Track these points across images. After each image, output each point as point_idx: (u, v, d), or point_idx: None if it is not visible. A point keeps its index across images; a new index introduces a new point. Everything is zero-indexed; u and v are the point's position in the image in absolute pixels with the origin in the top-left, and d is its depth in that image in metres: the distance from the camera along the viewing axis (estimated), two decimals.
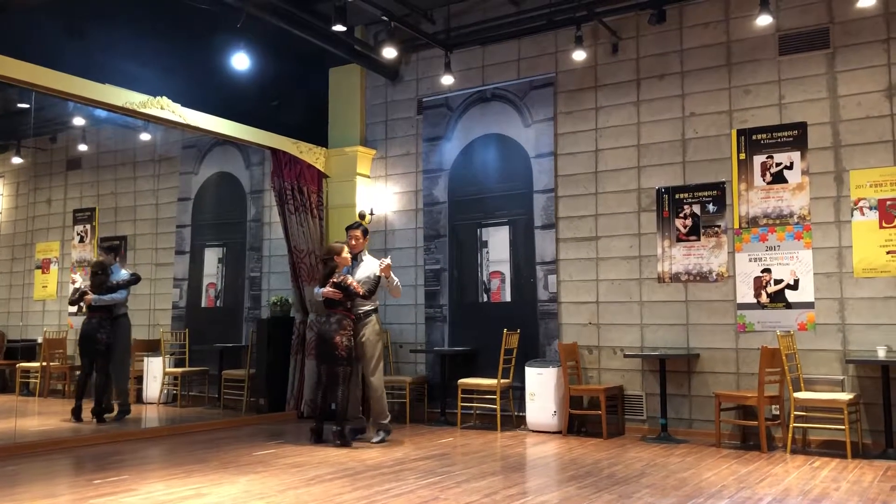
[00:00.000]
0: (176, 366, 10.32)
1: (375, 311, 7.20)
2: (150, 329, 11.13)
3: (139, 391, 10.49)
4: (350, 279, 6.93)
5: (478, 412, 8.31)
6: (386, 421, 7.20)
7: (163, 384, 10.17)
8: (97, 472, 5.76)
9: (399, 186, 9.38)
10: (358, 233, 7.34)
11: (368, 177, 9.54)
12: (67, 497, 4.93)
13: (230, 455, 6.50)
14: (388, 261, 7.02)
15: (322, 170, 9.42)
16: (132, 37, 7.56)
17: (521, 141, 8.60)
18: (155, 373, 10.25)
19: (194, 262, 11.04)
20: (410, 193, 9.30)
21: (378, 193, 9.47)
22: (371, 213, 9.42)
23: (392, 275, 7.06)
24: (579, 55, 7.87)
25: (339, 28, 7.48)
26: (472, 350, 8.59)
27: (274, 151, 9.11)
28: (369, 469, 5.85)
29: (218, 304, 10.81)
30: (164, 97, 7.73)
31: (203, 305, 10.90)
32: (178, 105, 7.86)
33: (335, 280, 6.92)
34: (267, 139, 8.92)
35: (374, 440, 7.08)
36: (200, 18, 8.18)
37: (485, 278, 8.74)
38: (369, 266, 7.20)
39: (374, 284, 7.03)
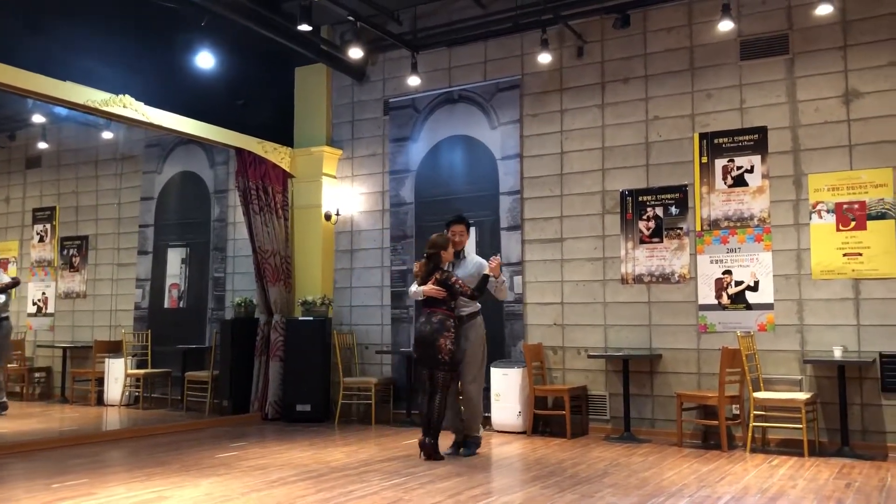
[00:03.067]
0: (138, 367, 10.19)
1: (479, 312, 6.59)
2: (111, 330, 10.98)
3: (100, 393, 10.35)
4: (455, 277, 6.36)
5: None
6: (479, 434, 6.56)
7: (124, 386, 10.04)
8: (55, 475, 5.66)
9: (365, 187, 9.36)
10: (462, 227, 6.70)
11: (334, 177, 9.51)
12: (24, 502, 4.84)
13: (193, 457, 6.43)
14: (498, 258, 6.45)
15: (287, 170, 9.37)
16: (94, 33, 7.45)
17: (487, 143, 8.63)
18: (116, 374, 10.12)
19: (157, 262, 10.91)
20: (377, 194, 9.28)
21: (344, 194, 9.44)
22: (337, 214, 9.39)
23: (501, 274, 6.51)
24: (545, 58, 7.93)
25: (304, 28, 7.45)
26: None
27: (239, 151, 9.04)
28: (333, 471, 5.83)
29: (181, 305, 10.69)
30: (127, 95, 7.63)
31: (166, 306, 10.77)
32: (142, 104, 7.77)
33: (439, 277, 6.31)
34: (231, 138, 8.85)
35: (464, 453, 6.44)
36: (165, 16, 8.09)
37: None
38: (473, 264, 6.64)
39: (484, 284, 6.36)
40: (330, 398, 8.86)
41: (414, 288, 6.50)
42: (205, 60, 8.01)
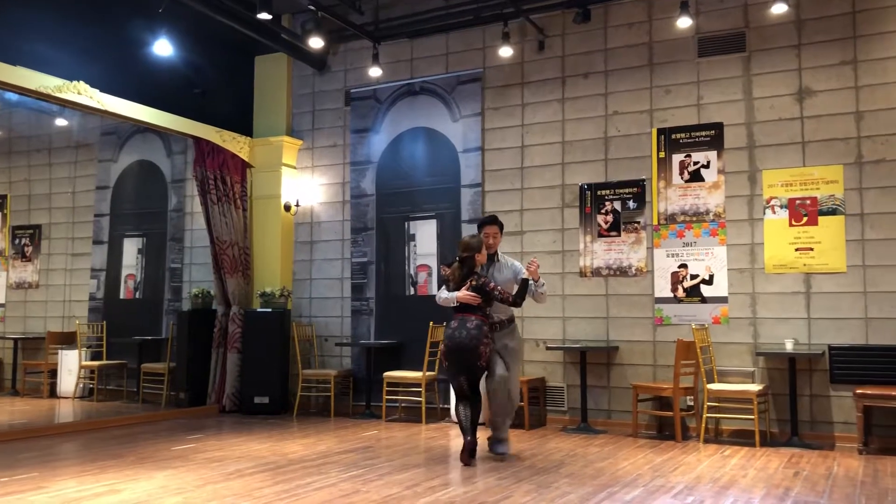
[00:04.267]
0: (93, 359, 10.01)
1: (513, 317, 6.23)
2: (65, 321, 10.78)
3: (53, 385, 10.16)
4: (493, 283, 5.89)
5: (403, 405, 8.33)
6: (506, 437, 6.09)
7: (78, 378, 9.87)
8: (4, 469, 5.54)
9: (326, 178, 9.31)
10: (495, 229, 6.22)
11: (294, 167, 9.43)
12: None
13: (148, 450, 6.35)
14: (536, 261, 6.00)
15: (246, 159, 9.28)
16: (47, 18, 7.28)
17: (449, 135, 8.64)
18: (70, 366, 9.96)
19: (113, 252, 10.73)
20: (337, 185, 9.24)
21: (304, 185, 9.37)
22: (297, 205, 9.32)
23: (540, 277, 6.07)
24: (506, 51, 7.95)
25: (264, 16, 7.36)
26: (398, 343, 8.60)
27: (196, 140, 8.92)
28: (292, 463, 5.81)
29: (137, 296, 10.54)
30: (82, 82, 7.47)
31: (122, 297, 10.60)
32: (97, 90, 7.61)
33: (474, 282, 5.85)
34: (189, 127, 8.72)
35: (500, 450, 6.01)
36: (121, 1, 7.93)
37: (412, 271, 8.75)
38: (508, 268, 6.17)
39: (524, 289, 5.93)
40: (288, 390, 8.81)
41: (445, 294, 5.97)
42: (162, 48, 7.87)
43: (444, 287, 6.07)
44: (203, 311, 9.21)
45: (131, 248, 10.63)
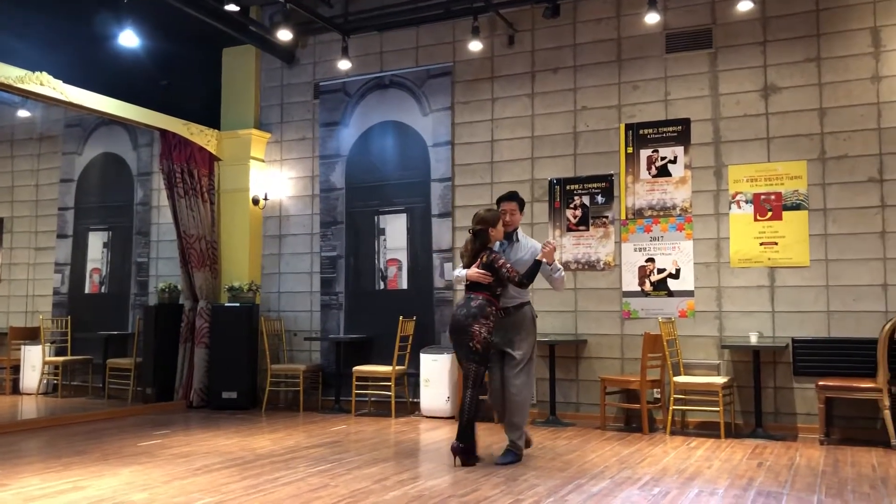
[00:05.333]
0: (57, 354, 9.87)
1: (528, 302, 5.81)
2: (28, 316, 10.60)
3: (15, 381, 9.99)
4: (503, 259, 5.48)
5: (372, 399, 8.32)
6: (520, 441, 5.66)
7: (42, 374, 9.72)
8: None
9: (295, 171, 9.25)
10: (514, 205, 5.82)
11: (263, 161, 9.36)
12: None
13: (113, 446, 6.27)
14: (553, 243, 5.65)
15: (214, 153, 9.19)
16: (9, 7, 7.14)
17: (418, 129, 8.63)
18: (33, 362, 9.81)
19: (77, 246, 10.56)
20: (306, 179, 9.18)
21: (273, 178, 9.30)
22: (265, 199, 9.25)
23: (556, 261, 5.74)
24: (476, 46, 7.96)
25: (232, 8, 7.31)
26: (367, 337, 8.58)
27: (163, 132, 8.81)
28: (259, 458, 5.78)
29: (103, 291, 10.40)
30: (45, 73, 7.35)
31: (87, 292, 10.45)
32: (60, 81, 7.49)
33: (485, 259, 5.48)
34: (155, 119, 8.62)
35: (500, 461, 5.53)
36: None
37: (382, 266, 8.74)
38: (526, 248, 5.78)
39: (534, 271, 5.52)
40: (257, 385, 8.76)
41: (458, 272, 5.68)
42: (128, 39, 7.74)
43: (460, 265, 5.80)
44: (170, 306, 9.12)
45: (97, 242, 10.47)
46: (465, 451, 5.42)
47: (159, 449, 6.15)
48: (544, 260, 5.51)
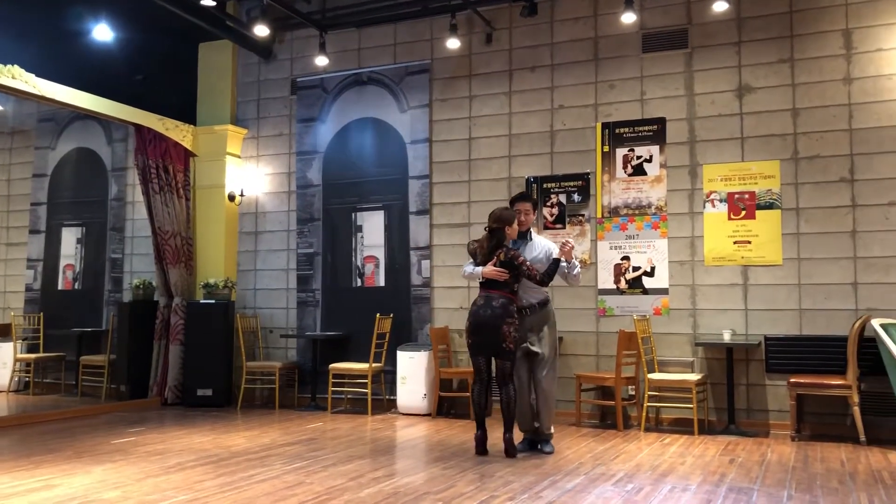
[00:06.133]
0: (29, 351, 9.75)
1: (549, 300, 5.95)
2: None
3: None
4: (522, 257, 5.61)
5: (349, 397, 8.31)
6: (552, 432, 5.96)
7: (13, 371, 9.60)
8: None
9: (271, 167, 9.20)
10: (528, 205, 5.95)
11: (239, 157, 9.30)
12: None
13: (86, 444, 6.22)
14: (572, 242, 5.79)
15: (189, 148, 9.11)
16: None
17: (396, 126, 8.62)
18: (4, 359, 9.67)
19: (50, 242, 10.45)
20: (283, 175, 9.14)
21: (249, 174, 9.25)
22: (241, 195, 9.19)
23: (574, 259, 5.87)
24: (453, 43, 7.96)
25: (208, 2, 7.25)
26: (344, 335, 8.57)
27: (138, 127, 8.73)
28: (234, 455, 5.75)
29: (76, 287, 10.29)
30: (16, 66, 7.24)
31: (60, 288, 10.34)
32: (32, 75, 7.39)
33: (502, 257, 5.57)
34: (130, 114, 8.53)
35: (546, 450, 5.82)
36: None
37: (359, 263, 8.72)
38: (540, 246, 5.91)
39: (554, 269, 5.67)
40: (232, 383, 8.71)
41: (470, 269, 5.76)
42: (102, 32, 7.67)
43: (470, 262, 5.86)
44: (144, 303, 9.04)
45: (70, 238, 10.36)
46: (511, 443, 5.62)
47: (133, 446, 6.10)
48: (563, 259, 5.68)
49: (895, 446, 6.12)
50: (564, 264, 5.73)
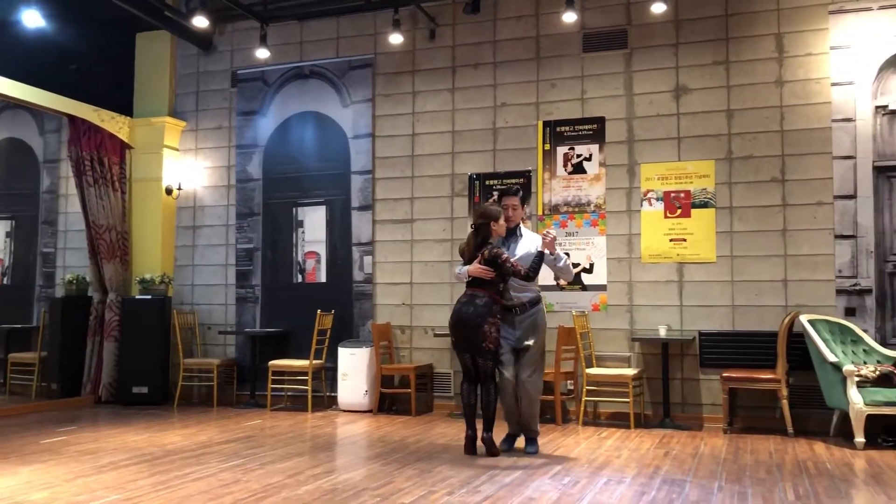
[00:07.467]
0: None
1: (540, 298, 5.81)
2: None
3: None
4: (506, 254, 5.48)
5: (289, 394, 8.23)
6: (538, 429, 5.86)
7: None
8: None
9: (210, 161, 9.04)
10: (516, 201, 5.79)
11: (177, 150, 9.12)
12: None
13: (13, 444, 6.02)
14: (553, 233, 5.60)
15: (125, 140, 8.89)
16: None
17: (339, 120, 8.55)
18: None
19: None
20: (222, 169, 8.99)
21: (187, 167, 9.07)
22: (179, 188, 9.01)
23: (558, 250, 5.70)
24: (396, 38, 7.94)
25: None
26: (284, 331, 8.48)
27: (72, 118, 8.48)
28: (169, 454, 5.65)
29: (5, 282, 9.97)
30: None
31: None
32: None
33: (486, 254, 5.45)
34: (63, 104, 8.28)
35: (530, 450, 5.70)
36: None
37: (300, 258, 8.64)
38: (529, 242, 5.75)
39: (539, 263, 5.53)
40: (169, 380, 8.55)
41: (459, 269, 5.68)
42: (32, 19, 7.40)
43: (461, 263, 5.76)
44: (78, 298, 8.80)
45: None
46: (492, 442, 5.55)
47: (63, 446, 5.94)
48: (546, 251, 5.53)
49: (821, 437, 6.34)
50: (551, 257, 5.60)
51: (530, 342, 5.60)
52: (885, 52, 6.82)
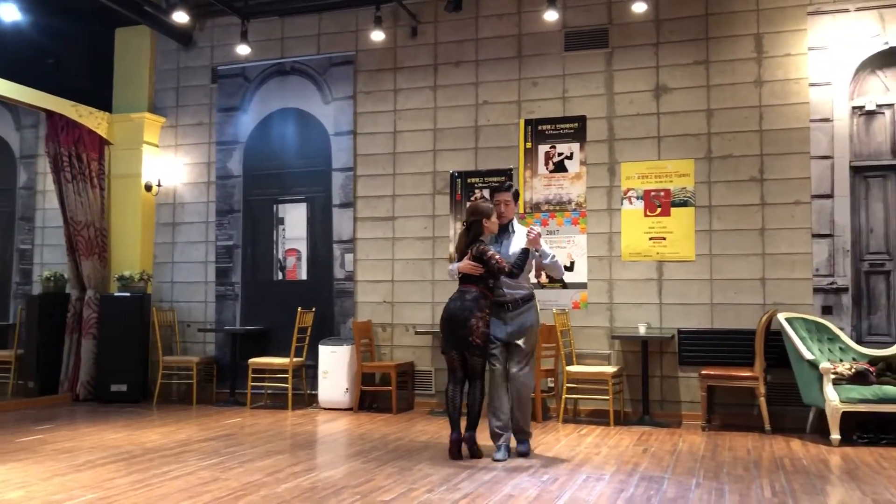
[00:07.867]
0: None
1: (533, 295, 5.70)
2: None
3: None
4: (492, 251, 5.43)
5: (269, 392, 8.20)
6: (530, 431, 5.73)
7: None
8: None
9: (190, 157, 8.98)
10: (509, 197, 5.75)
11: (156, 146, 9.04)
12: None
13: None
14: (537, 229, 5.55)
15: (104, 136, 8.82)
16: None
17: (320, 117, 8.53)
18: None
19: None
20: (202, 165, 8.93)
21: (167, 164, 9.00)
22: (158, 185, 8.94)
23: (544, 247, 5.63)
24: (378, 35, 7.92)
25: None
26: (264, 329, 8.44)
27: (49, 114, 8.39)
28: (148, 452, 5.61)
29: None
30: None
31: None
32: None
33: (474, 251, 5.42)
34: (41, 100, 8.20)
35: (521, 449, 5.58)
36: None
37: (280, 256, 8.60)
38: (522, 239, 5.59)
39: (523, 260, 5.45)
40: (148, 378, 8.49)
41: (451, 266, 5.65)
42: (8, 12, 7.32)
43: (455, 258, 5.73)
44: (55, 295, 8.72)
45: None
46: (473, 440, 5.45)
47: (40, 444, 5.88)
48: (531, 247, 5.47)
49: (797, 434, 6.41)
50: (536, 254, 5.54)
51: (520, 340, 5.51)
52: (862, 54, 6.89)
